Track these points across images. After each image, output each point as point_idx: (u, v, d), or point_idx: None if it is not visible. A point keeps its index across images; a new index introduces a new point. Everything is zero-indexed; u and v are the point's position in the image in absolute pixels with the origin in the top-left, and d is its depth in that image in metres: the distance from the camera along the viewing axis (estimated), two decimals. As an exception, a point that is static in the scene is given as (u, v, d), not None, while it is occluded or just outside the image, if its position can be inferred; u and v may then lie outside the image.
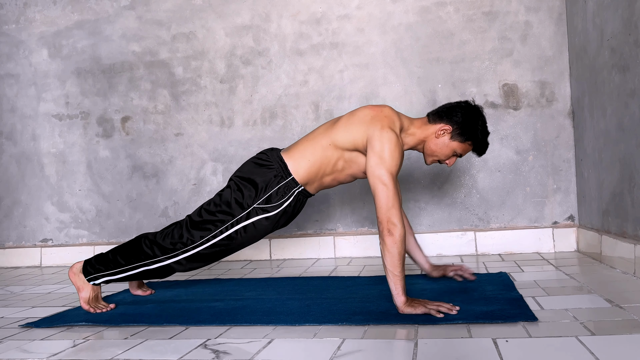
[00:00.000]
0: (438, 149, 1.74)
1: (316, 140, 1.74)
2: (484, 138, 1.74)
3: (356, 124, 1.68)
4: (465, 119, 1.70)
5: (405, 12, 2.68)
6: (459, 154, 1.75)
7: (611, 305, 1.52)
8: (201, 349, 1.35)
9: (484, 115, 1.76)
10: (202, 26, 2.90)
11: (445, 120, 1.72)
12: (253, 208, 1.71)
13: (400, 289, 1.52)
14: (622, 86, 1.93)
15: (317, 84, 2.77)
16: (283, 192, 1.72)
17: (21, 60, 3.12)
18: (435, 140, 1.73)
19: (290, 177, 1.72)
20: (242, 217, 1.71)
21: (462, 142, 1.72)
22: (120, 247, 1.81)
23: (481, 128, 1.72)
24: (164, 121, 2.95)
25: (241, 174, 1.77)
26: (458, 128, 1.70)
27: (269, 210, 1.71)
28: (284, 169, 1.73)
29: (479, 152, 1.78)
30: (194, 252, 1.73)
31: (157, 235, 1.77)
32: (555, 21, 2.56)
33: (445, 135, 1.72)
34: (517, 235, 2.56)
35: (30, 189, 3.12)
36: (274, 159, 1.75)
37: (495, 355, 1.17)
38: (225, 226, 1.72)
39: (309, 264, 2.62)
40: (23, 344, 1.49)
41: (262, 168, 1.74)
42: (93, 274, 1.80)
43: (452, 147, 1.73)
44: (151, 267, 1.76)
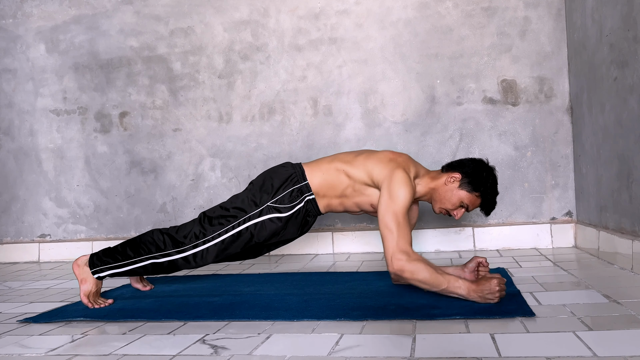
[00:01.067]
0: (446, 196, 1.77)
1: (334, 164, 1.84)
2: (492, 194, 1.77)
3: (374, 161, 1.78)
4: (476, 171, 1.75)
5: (404, 8, 2.68)
6: (467, 205, 1.77)
7: (609, 300, 1.52)
8: (200, 344, 1.35)
9: (496, 176, 1.80)
10: (200, 21, 2.89)
11: (456, 170, 1.78)
12: (266, 206, 1.77)
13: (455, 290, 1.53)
14: (620, 82, 1.93)
15: (316, 80, 2.77)
16: (296, 195, 1.79)
17: (18, 55, 3.11)
18: (444, 187, 1.77)
19: (305, 181, 1.80)
20: (254, 214, 1.77)
21: (469, 192, 1.75)
22: (130, 240, 1.84)
23: (491, 184, 1.76)
24: (162, 116, 2.94)
25: (261, 176, 1.87)
26: (467, 177, 1.75)
27: (281, 211, 1.77)
28: (301, 174, 1.82)
29: (486, 209, 1.79)
30: (203, 247, 1.77)
31: (170, 229, 1.83)
32: (554, 17, 2.55)
33: (455, 182, 1.76)
34: (515, 231, 2.57)
35: (28, 184, 3.12)
36: (294, 166, 1.86)
37: (493, 350, 1.17)
38: (238, 222, 1.77)
39: (308, 259, 2.62)
40: (21, 339, 1.49)
41: (280, 170, 1.84)
42: (99, 266, 1.81)
43: (459, 196, 1.76)
44: (159, 260, 1.78)
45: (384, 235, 1.61)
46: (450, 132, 2.64)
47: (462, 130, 2.63)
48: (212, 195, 2.88)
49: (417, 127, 2.66)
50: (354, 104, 2.73)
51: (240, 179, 2.85)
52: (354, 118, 2.72)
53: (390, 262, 1.56)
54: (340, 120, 2.74)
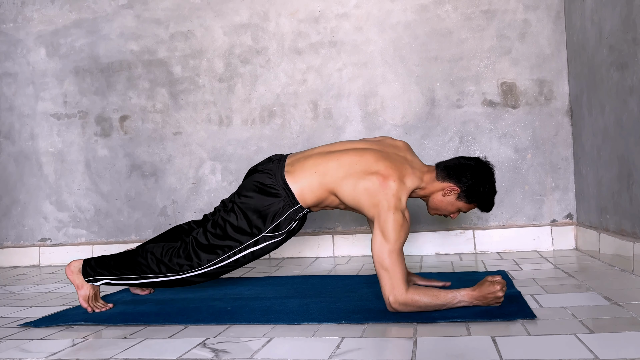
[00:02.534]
0: (443, 207, 1.73)
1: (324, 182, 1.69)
2: (490, 198, 1.72)
3: (363, 193, 1.62)
4: (474, 182, 1.67)
5: (404, 11, 2.68)
6: (464, 211, 1.75)
7: (610, 302, 1.52)
8: (200, 347, 1.35)
9: (494, 178, 1.72)
10: (200, 25, 2.89)
11: (454, 181, 1.68)
12: (262, 236, 1.73)
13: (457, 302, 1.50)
14: (620, 84, 1.93)
15: (316, 83, 2.77)
16: (291, 218, 1.73)
17: (19, 59, 3.11)
18: (441, 198, 1.71)
19: (297, 205, 1.71)
20: (250, 244, 1.73)
21: (467, 203, 1.71)
22: (123, 256, 1.79)
23: (489, 190, 1.70)
24: (162, 120, 2.94)
25: (247, 200, 1.73)
26: (466, 190, 1.68)
27: (277, 237, 1.75)
28: (292, 198, 1.70)
29: (485, 210, 1.77)
30: (199, 272, 1.75)
31: (162, 254, 1.75)
32: (553, 19, 2.56)
33: (452, 194, 1.70)
34: (516, 234, 2.57)
35: (29, 188, 3.12)
36: (279, 186, 1.70)
37: (495, 353, 1.17)
38: (234, 252, 1.73)
39: (308, 262, 2.62)
40: (22, 343, 1.49)
41: (269, 197, 1.71)
42: (93, 276, 1.79)
43: (457, 206, 1.72)
44: (154, 280, 1.77)
45: (380, 275, 1.53)
46: (450, 134, 2.64)
47: (462, 133, 2.63)
48: (212, 199, 2.88)
49: (417, 130, 2.66)
50: (354, 107, 2.73)
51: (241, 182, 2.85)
52: (354, 121, 2.73)
53: (389, 305, 1.52)
54: (341, 123, 2.74)
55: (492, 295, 1.48)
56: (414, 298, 1.49)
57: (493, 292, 1.48)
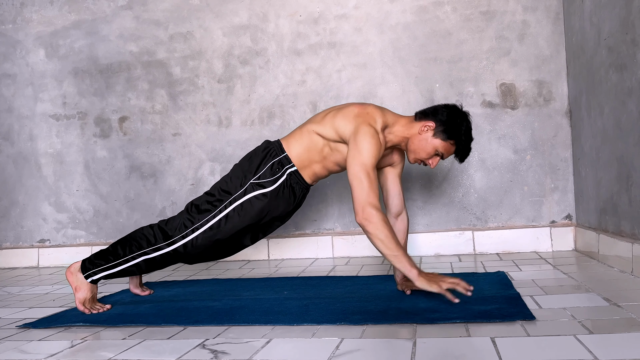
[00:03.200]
0: (420, 146, 1.75)
1: (305, 127, 1.84)
2: (467, 140, 1.75)
3: (340, 118, 1.77)
4: (450, 118, 1.72)
5: (403, 12, 2.68)
6: (441, 153, 1.75)
7: (609, 303, 1.52)
8: (199, 349, 1.35)
9: (470, 122, 1.77)
10: (199, 26, 2.90)
11: (430, 118, 1.74)
12: (250, 184, 1.78)
13: (407, 264, 1.55)
14: (619, 85, 1.93)
15: (315, 84, 2.77)
16: (277, 168, 1.79)
17: (18, 61, 3.11)
18: (419, 137, 1.75)
19: (284, 154, 1.80)
20: (239, 194, 1.78)
21: (444, 140, 1.73)
22: (120, 239, 1.85)
23: (465, 130, 1.73)
24: (161, 121, 2.94)
25: (243, 158, 1.88)
26: (441, 125, 1.72)
27: (265, 186, 1.78)
28: (279, 147, 1.83)
29: (461, 156, 1.78)
30: (193, 236, 1.77)
31: (159, 222, 1.84)
32: (552, 20, 2.56)
33: (429, 131, 1.73)
34: (515, 235, 2.57)
35: (28, 189, 3.11)
36: (271, 142, 1.87)
37: (494, 354, 1.17)
38: (224, 205, 1.78)
39: (307, 263, 2.62)
40: (21, 344, 1.49)
41: (259, 150, 1.86)
42: (92, 269, 1.80)
43: (434, 145, 1.74)
44: (150, 255, 1.78)
45: (354, 185, 1.62)
46: (449, 135, 2.64)
47: (462, 134, 2.63)
48: (211, 200, 2.88)
49: (417, 131, 2.66)
50: (353, 108, 2.73)
51: (240, 183, 2.85)
52: (354, 122, 2.72)
53: (361, 211, 1.58)
54: (340, 124, 2.74)
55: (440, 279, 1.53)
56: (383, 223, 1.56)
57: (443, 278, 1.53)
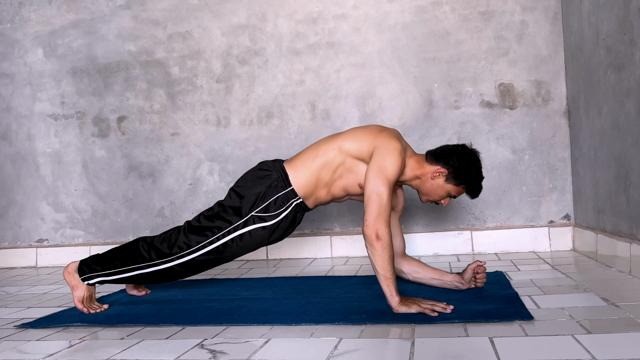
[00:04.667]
0: (433, 190, 1.76)
1: (320, 146, 1.79)
2: (477, 183, 1.76)
3: (365, 133, 1.75)
4: (461, 164, 1.73)
5: (402, 12, 2.68)
6: (453, 195, 1.77)
7: (607, 303, 1.52)
8: (198, 349, 1.35)
9: (480, 161, 1.78)
10: (198, 25, 2.89)
11: (442, 163, 1.74)
12: (251, 216, 1.73)
13: (394, 290, 1.55)
14: (617, 85, 1.94)
15: (314, 84, 2.77)
16: (281, 203, 1.74)
17: (16, 60, 3.11)
18: (431, 182, 1.75)
19: (290, 187, 1.74)
20: (239, 225, 1.73)
21: (456, 185, 1.74)
22: (117, 249, 1.82)
23: (475, 173, 1.75)
24: (160, 121, 2.94)
25: (241, 183, 1.80)
26: (453, 172, 1.73)
27: (266, 220, 1.74)
28: (285, 179, 1.75)
29: (472, 195, 1.79)
30: (189, 258, 1.75)
31: (155, 239, 1.78)
32: (550, 20, 2.56)
33: (441, 177, 1.74)
34: (514, 235, 2.57)
35: (26, 189, 3.11)
36: (275, 169, 1.78)
37: (492, 354, 1.17)
38: (222, 233, 1.73)
39: (306, 263, 2.62)
40: (19, 344, 1.48)
41: (262, 178, 1.77)
42: (88, 274, 1.80)
43: (446, 189, 1.75)
44: (146, 270, 1.77)
45: (373, 198, 1.59)
46: (448, 135, 2.64)
47: (460, 134, 2.63)
48: (210, 200, 2.88)
49: (415, 131, 2.67)
50: (352, 108, 2.73)
51: (239, 183, 2.85)
52: (352, 122, 2.73)
53: (373, 226, 1.55)
54: (338, 124, 2.74)
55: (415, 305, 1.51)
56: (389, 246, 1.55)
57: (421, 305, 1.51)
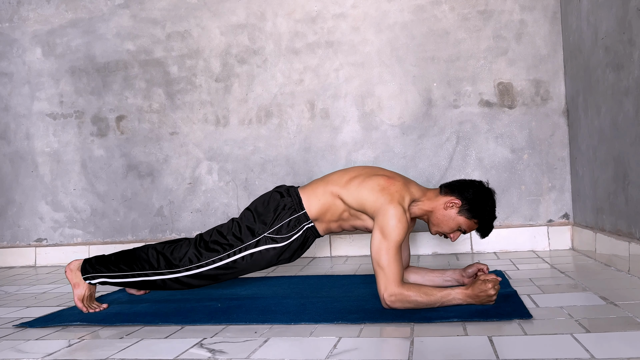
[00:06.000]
0: (444, 221, 1.73)
1: (328, 187, 1.79)
2: (490, 220, 1.74)
3: (367, 190, 1.71)
4: (476, 197, 1.71)
5: (401, 11, 2.68)
6: (464, 229, 1.75)
7: (606, 302, 1.53)
8: (197, 348, 1.35)
9: (495, 200, 1.75)
10: (197, 25, 2.89)
11: (457, 195, 1.72)
12: (263, 236, 1.75)
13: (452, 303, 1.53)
14: (616, 84, 1.94)
15: (313, 83, 2.77)
16: (294, 225, 1.76)
17: (15, 59, 3.10)
18: (443, 212, 1.73)
19: (302, 211, 1.76)
20: (251, 244, 1.75)
21: (468, 218, 1.71)
22: (124, 253, 1.81)
23: (489, 210, 1.72)
24: (159, 120, 2.94)
25: (257, 203, 1.83)
26: (467, 204, 1.70)
27: (278, 241, 1.75)
28: (298, 202, 1.78)
29: (483, 234, 1.76)
30: (197, 271, 1.75)
31: (165, 247, 1.79)
32: (549, 20, 2.56)
33: (454, 208, 1.71)
34: (512, 234, 2.57)
35: (24, 188, 3.11)
36: (291, 193, 1.81)
37: (491, 352, 1.17)
38: (233, 251, 1.75)
39: (305, 262, 2.62)
40: (18, 343, 1.48)
41: (276, 200, 1.80)
42: (91, 273, 1.80)
43: (457, 222, 1.72)
44: (151, 278, 1.77)
45: (376, 272, 1.58)
46: (447, 135, 2.64)
47: (459, 133, 2.63)
48: (209, 199, 2.88)
49: (414, 130, 2.67)
50: (351, 107, 2.73)
51: (237, 183, 2.85)
52: (351, 121, 2.73)
53: (383, 301, 1.56)
54: (337, 123, 2.74)
55: (484, 294, 1.50)
56: (405, 293, 1.53)
57: (485, 290, 1.50)
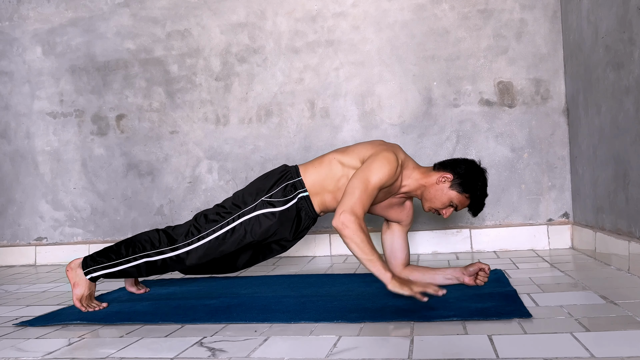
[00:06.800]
0: (436, 196, 1.77)
1: (326, 157, 1.87)
2: (482, 195, 1.77)
3: (365, 146, 1.82)
4: (468, 172, 1.75)
5: (401, 10, 2.68)
6: (455, 205, 1.78)
7: (605, 301, 1.53)
8: (197, 346, 1.35)
9: (487, 178, 1.80)
10: (197, 23, 2.89)
11: (449, 170, 1.77)
12: (261, 200, 1.80)
13: (381, 268, 1.57)
14: (616, 83, 1.94)
15: (313, 82, 2.77)
16: (290, 190, 1.81)
17: (15, 58, 3.10)
18: (435, 187, 1.77)
19: (299, 177, 1.82)
20: (249, 209, 1.79)
21: (459, 192, 1.75)
22: (126, 239, 1.86)
23: (481, 185, 1.76)
24: (159, 119, 2.94)
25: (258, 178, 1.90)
26: (459, 178, 1.75)
27: (275, 205, 1.79)
28: (295, 171, 1.85)
29: (474, 210, 1.79)
30: (197, 244, 1.78)
31: (167, 227, 1.86)
32: (550, 19, 2.56)
33: (446, 182, 1.76)
34: (512, 233, 2.57)
35: (25, 187, 3.11)
36: (289, 166, 1.89)
37: (491, 351, 1.17)
38: (232, 217, 1.79)
39: (305, 261, 2.62)
40: (18, 342, 1.48)
41: (275, 170, 1.88)
42: (92, 266, 1.80)
43: (449, 196, 1.76)
44: (152, 259, 1.79)
45: (346, 192, 1.65)
46: (447, 133, 2.64)
47: (459, 132, 2.63)
48: (209, 198, 2.88)
49: (414, 129, 2.67)
50: (351, 106, 2.73)
51: (238, 181, 2.85)
52: (351, 120, 2.73)
53: (338, 216, 1.60)
54: (338, 122, 2.74)
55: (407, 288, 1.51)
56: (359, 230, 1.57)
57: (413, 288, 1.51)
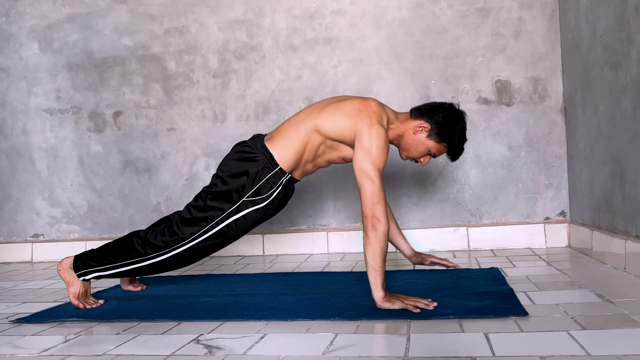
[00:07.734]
0: (413, 145, 1.74)
1: (300, 125, 1.74)
2: (460, 143, 1.74)
3: (343, 115, 1.68)
4: (445, 120, 1.70)
5: (399, 8, 2.68)
6: (434, 153, 1.75)
7: (602, 300, 1.53)
8: (194, 344, 1.35)
9: (465, 122, 1.75)
10: (194, 20, 2.88)
11: (426, 118, 1.72)
12: (243, 201, 1.72)
13: (380, 284, 1.54)
14: (614, 82, 1.94)
15: (311, 79, 2.76)
16: (272, 183, 1.73)
17: (11, 54, 3.09)
18: (412, 136, 1.73)
19: (277, 167, 1.73)
20: (232, 211, 1.73)
21: (437, 142, 1.72)
22: (111, 244, 1.81)
23: (459, 133, 1.72)
24: (156, 116, 2.93)
25: (227, 168, 1.77)
26: (436, 127, 1.70)
27: (259, 202, 1.73)
28: (271, 159, 1.74)
29: (453, 157, 1.76)
30: (185, 247, 1.75)
31: (147, 234, 1.77)
32: (548, 17, 2.56)
33: (423, 132, 1.72)
34: (509, 231, 2.58)
35: (21, 184, 3.10)
36: (258, 150, 1.76)
37: (487, 349, 1.17)
38: (216, 221, 1.73)
39: (302, 259, 2.62)
40: (14, 339, 1.48)
41: (248, 161, 1.75)
42: (84, 269, 1.79)
43: (427, 146, 1.73)
44: (142, 264, 1.77)
45: (365, 184, 1.55)
46: (444, 132, 2.64)
47: (457, 131, 2.63)
48: (206, 195, 2.87)
49: (412, 127, 2.67)
50: (349, 104, 2.72)
51: (235, 179, 2.84)
52: (349, 118, 2.72)
53: (371, 216, 1.53)
54: (335, 120, 2.74)
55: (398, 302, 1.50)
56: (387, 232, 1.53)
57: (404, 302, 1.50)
